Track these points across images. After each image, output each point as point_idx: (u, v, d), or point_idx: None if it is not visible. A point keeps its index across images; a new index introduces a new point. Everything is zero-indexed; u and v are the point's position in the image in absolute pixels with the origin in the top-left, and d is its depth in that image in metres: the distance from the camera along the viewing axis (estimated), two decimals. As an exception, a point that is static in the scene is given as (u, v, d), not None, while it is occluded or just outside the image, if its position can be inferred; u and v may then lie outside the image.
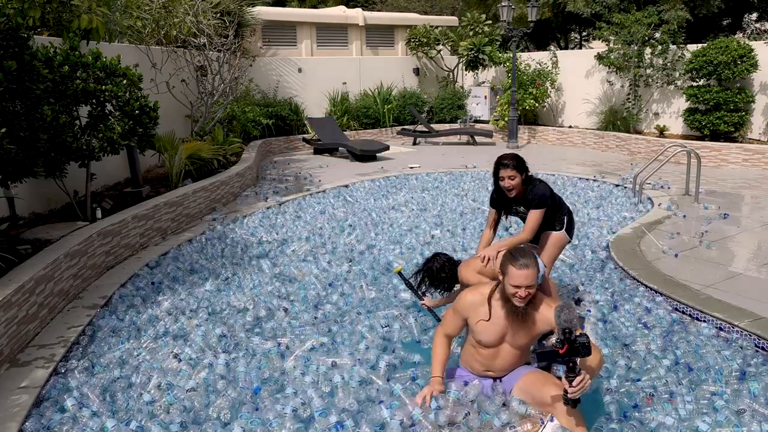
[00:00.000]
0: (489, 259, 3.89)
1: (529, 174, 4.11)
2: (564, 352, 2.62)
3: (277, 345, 4.03)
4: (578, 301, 4.77)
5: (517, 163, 4.02)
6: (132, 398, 3.43)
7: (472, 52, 15.42)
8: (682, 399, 3.33)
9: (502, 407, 3.10)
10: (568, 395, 2.70)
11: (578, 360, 2.69)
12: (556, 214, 4.29)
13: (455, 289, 4.32)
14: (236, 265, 5.73)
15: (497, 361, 3.21)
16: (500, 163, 4.05)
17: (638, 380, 3.58)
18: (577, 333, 2.65)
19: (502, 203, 4.28)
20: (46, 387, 3.53)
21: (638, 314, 4.49)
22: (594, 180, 9.64)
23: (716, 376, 3.58)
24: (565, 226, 4.31)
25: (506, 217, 4.42)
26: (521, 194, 4.09)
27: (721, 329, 4.16)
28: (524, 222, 4.20)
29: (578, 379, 2.66)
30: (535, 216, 4.05)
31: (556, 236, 4.30)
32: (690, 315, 4.43)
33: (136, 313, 4.59)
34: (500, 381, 3.25)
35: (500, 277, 3.09)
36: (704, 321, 4.30)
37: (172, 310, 4.63)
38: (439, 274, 4.08)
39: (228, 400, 3.34)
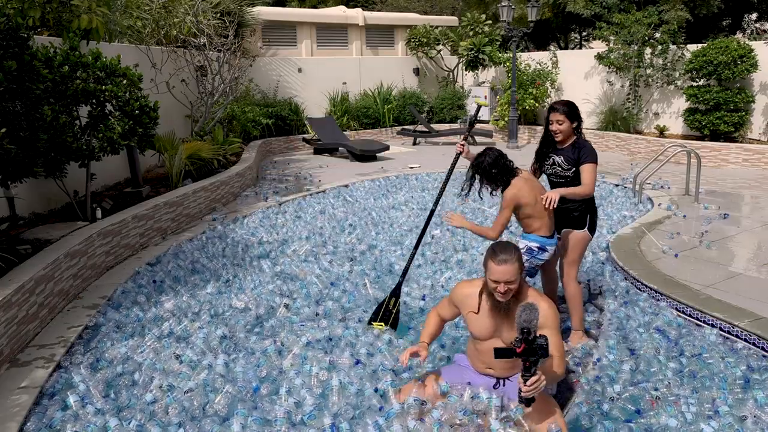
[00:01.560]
0: (551, 201, 3.81)
1: (581, 130, 4.05)
2: (521, 351, 2.65)
3: (273, 342, 4.04)
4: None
5: (569, 109, 3.98)
6: (134, 396, 3.44)
7: (472, 52, 15.41)
8: (686, 401, 3.32)
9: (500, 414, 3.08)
10: (522, 394, 2.74)
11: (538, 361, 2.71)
12: (576, 212, 4.13)
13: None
14: (237, 266, 5.73)
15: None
16: (552, 107, 4.02)
17: (646, 381, 3.56)
18: (537, 334, 2.68)
19: (543, 151, 4.17)
20: (47, 385, 3.54)
21: (641, 317, 4.48)
22: (594, 180, 9.62)
23: (721, 380, 3.55)
24: (587, 225, 4.16)
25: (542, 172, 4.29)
26: (563, 144, 4.03)
27: (723, 330, 4.16)
28: (554, 185, 4.16)
29: (533, 379, 2.70)
30: (588, 171, 3.93)
31: (577, 236, 4.15)
32: (690, 315, 4.43)
33: (137, 313, 4.59)
34: (503, 385, 3.24)
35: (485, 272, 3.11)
36: (705, 322, 4.30)
37: (176, 311, 4.63)
38: (491, 169, 3.89)
39: (227, 398, 3.36)
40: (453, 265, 5.66)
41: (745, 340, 3.99)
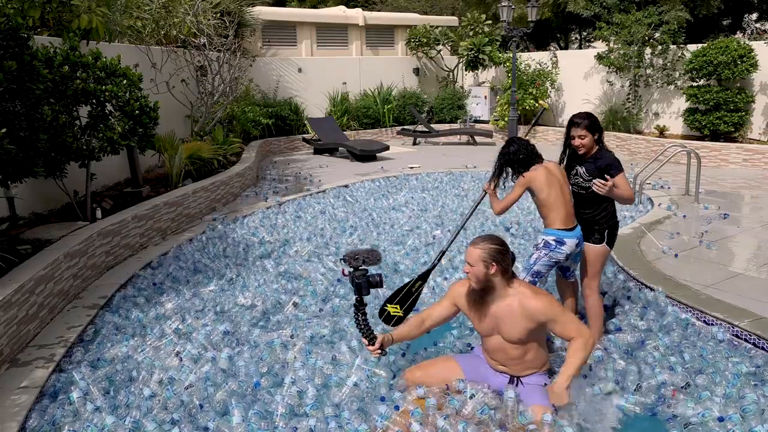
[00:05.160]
0: (600, 185, 3.82)
1: (603, 140, 4.01)
2: (345, 275, 3.31)
3: (279, 336, 4.06)
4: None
5: (590, 123, 3.93)
6: (132, 393, 3.45)
7: (472, 52, 15.41)
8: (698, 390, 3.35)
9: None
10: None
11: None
12: (595, 225, 4.05)
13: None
14: (240, 266, 5.73)
15: (501, 355, 3.27)
16: (572, 122, 3.98)
17: (652, 379, 3.56)
18: (365, 275, 3.26)
19: (569, 164, 4.13)
20: (47, 385, 3.54)
21: (643, 318, 4.46)
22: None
23: (733, 376, 3.54)
24: (606, 239, 4.07)
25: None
26: (587, 156, 3.99)
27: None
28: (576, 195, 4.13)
29: (367, 342, 3.33)
30: (621, 182, 3.90)
31: (597, 250, 4.07)
32: (690, 315, 4.42)
33: (138, 312, 4.59)
34: (521, 384, 3.27)
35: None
36: (705, 322, 4.29)
37: (178, 310, 4.64)
38: (517, 156, 3.97)
39: (227, 393, 3.38)
40: (458, 265, 5.65)
41: (745, 340, 3.99)
